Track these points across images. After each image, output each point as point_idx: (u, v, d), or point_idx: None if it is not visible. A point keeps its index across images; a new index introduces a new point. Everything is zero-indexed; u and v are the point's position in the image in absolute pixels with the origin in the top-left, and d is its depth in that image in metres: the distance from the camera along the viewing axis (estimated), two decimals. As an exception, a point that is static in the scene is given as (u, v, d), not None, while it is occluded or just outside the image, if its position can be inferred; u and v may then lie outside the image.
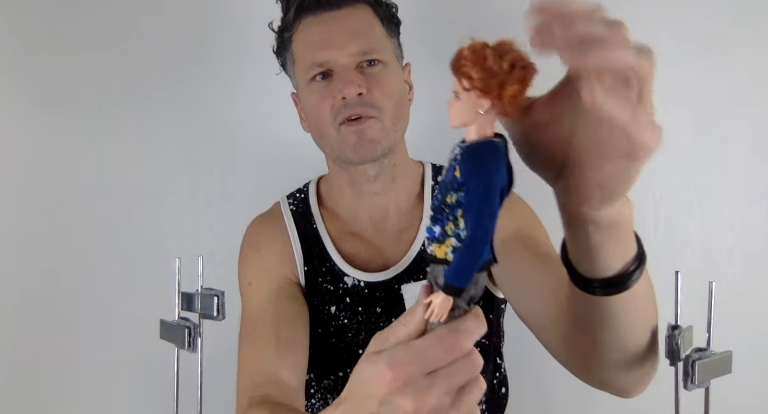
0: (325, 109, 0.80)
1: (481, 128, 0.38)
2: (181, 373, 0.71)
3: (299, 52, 0.83)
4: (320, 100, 0.80)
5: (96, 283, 1.25)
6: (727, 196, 1.23)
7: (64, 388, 1.26)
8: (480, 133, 0.38)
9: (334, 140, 0.81)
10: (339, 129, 0.80)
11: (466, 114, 0.38)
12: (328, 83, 0.80)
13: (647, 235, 1.24)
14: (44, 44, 1.22)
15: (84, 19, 1.22)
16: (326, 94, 0.80)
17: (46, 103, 1.23)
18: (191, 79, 1.24)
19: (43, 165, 1.24)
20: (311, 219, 0.92)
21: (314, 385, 0.93)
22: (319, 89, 0.81)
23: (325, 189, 0.95)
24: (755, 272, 1.23)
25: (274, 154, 1.25)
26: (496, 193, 0.37)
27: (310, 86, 0.82)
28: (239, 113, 1.26)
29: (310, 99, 0.83)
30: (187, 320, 0.70)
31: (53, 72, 1.22)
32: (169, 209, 1.25)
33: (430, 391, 0.38)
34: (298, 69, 0.84)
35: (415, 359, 0.38)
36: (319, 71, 0.80)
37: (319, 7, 0.80)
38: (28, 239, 1.24)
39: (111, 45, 1.23)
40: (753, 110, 1.21)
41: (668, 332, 0.60)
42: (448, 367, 0.39)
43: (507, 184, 0.39)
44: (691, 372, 0.59)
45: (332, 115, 0.79)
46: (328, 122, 0.80)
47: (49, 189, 1.24)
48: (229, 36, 1.24)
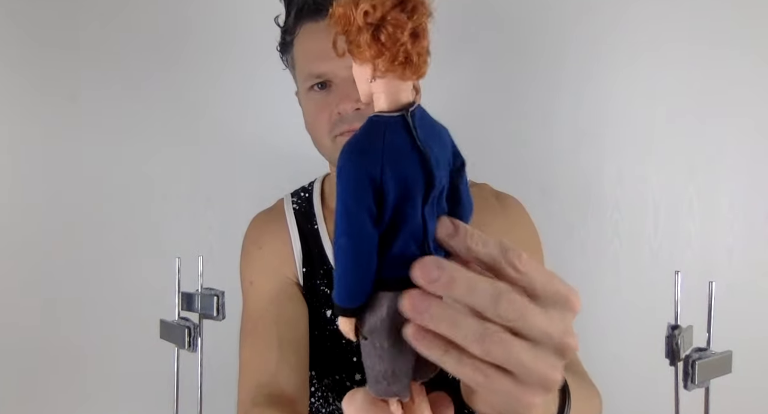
0: (323, 120, 0.79)
1: (381, 101, 0.31)
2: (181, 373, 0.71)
3: (299, 59, 0.82)
4: (318, 110, 0.79)
5: (96, 283, 1.25)
6: (727, 196, 1.23)
7: (64, 388, 1.26)
8: (380, 108, 0.32)
9: (330, 149, 0.81)
10: (335, 140, 0.79)
11: (361, 86, 0.32)
12: (327, 94, 0.78)
13: (647, 235, 1.25)
14: (44, 44, 1.22)
15: (84, 18, 1.22)
16: (324, 105, 0.78)
17: (46, 103, 1.23)
18: (191, 79, 1.24)
19: (43, 165, 1.24)
20: (313, 219, 0.92)
21: (315, 383, 0.93)
22: (317, 99, 0.79)
23: (328, 188, 0.95)
24: (755, 272, 1.23)
25: (274, 153, 1.25)
26: (363, 189, 0.30)
27: (308, 94, 0.81)
28: (239, 113, 1.26)
29: (308, 107, 0.82)
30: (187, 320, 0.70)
31: (53, 72, 1.22)
32: (169, 209, 1.25)
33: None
34: (298, 75, 0.83)
35: None
36: (317, 82, 0.78)
37: (318, 14, 0.78)
38: (28, 239, 1.24)
39: (111, 45, 1.23)
40: (753, 110, 1.21)
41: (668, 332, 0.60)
42: None
43: (421, 176, 0.30)
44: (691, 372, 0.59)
45: (329, 127, 0.78)
46: (325, 133, 0.79)
47: (49, 189, 1.24)
48: (229, 36, 1.24)
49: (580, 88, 1.24)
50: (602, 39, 1.22)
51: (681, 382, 0.60)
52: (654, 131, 1.22)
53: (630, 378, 1.22)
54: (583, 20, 1.22)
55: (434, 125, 0.33)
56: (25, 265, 1.24)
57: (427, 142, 0.31)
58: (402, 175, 0.30)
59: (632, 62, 1.21)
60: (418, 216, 0.31)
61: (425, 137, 0.31)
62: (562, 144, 1.25)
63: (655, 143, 1.23)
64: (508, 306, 0.30)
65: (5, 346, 1.24)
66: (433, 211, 0.32)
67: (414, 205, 0.31)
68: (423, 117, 0.32)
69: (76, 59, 1.22)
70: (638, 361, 1.20)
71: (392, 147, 0.30)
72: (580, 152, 1.25)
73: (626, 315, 1.25)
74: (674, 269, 0.61)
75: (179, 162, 1.26)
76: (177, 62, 1.24)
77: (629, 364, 1.23)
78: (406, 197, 0.30)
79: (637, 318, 1.23)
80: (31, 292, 1.24)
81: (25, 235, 1.24)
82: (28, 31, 1.22)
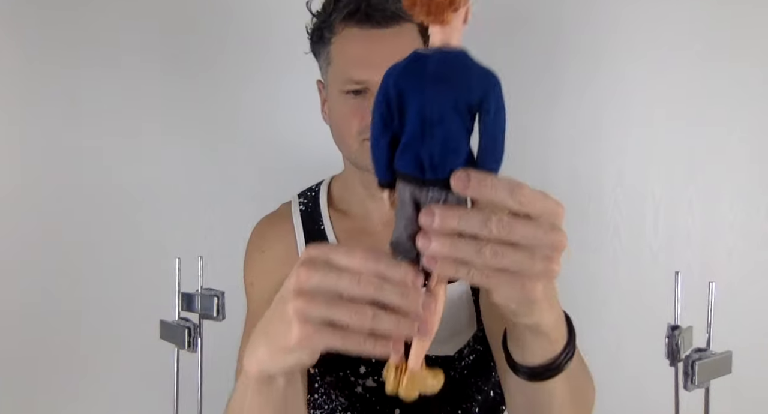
0: (353, 124, 0.80)
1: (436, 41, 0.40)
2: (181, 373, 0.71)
3: (337, 61, 0.81)
4: (350, 114, 0.80)
5: (96, 283, 1.25)
6: (727, 196, 1.23)
7: (64, 388, 1.26)
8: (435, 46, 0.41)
9: (355, 151, 0.81)
10: (362, 143, 0.80)
11: None
12: (362, 100, 0.79)
13: (647, 235, 1.25)
14: (44, 43, 1.22)
15: (84, 18, 1.22)
16: (357, 110, 0.79)
17: (45, 103, 1.23)
18: (191, 79, 1.24)
19: (42, 165, 1.24)
20: (319, 220, 0.92)
21: (318, 379, 0.93)
22: (351, 103, 0.80)
23: (338, 189, 0.95)
24: (755, 272, 1.23)
25: (274, 154, 1.25)
26: (380, 96, 0.41)
27: (342, 97, 0.81)
28: (240, 113, 1.26)
29: (339, 108, 0.82)
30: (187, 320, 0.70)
31: (53, 71, 1.22)
32: (169, 209, 1.25)
33: None
34: (332, 74, 0.83)
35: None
36: (356, 88, 0.79)
37: (366, 22, 0.78)
38: (28, 239, 1.24)
39: (111, 45, 1.22)
40: (753, 110, 1.21)
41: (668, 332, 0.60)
42: None
43: (416, 98, 0.40)
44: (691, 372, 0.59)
45: (358, 131, 0.79)
46: (353, 135, 0.80)
47: (49, 189, 1.24)
48: (229, 36, 1.23)
49: (580, 88, 1.23)
50: (602, 39, 1.22)
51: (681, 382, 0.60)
52: (654, 131, 1.22)
53: (630, 378, 1.22)
54: (583, 20, 1.22)
55: (455, 69, 0.40)
56: (24, 265, 1.24)
57: (432, 75, 0.40)
58: (404, 92, 0.40)
59: (632, 62, 1.21)
60: (416, 125, 0.40)
61: (435, 72, 0.40)
62: (561, 144, 1.25)
63: (655, 143, 1.23)
64: (497, 225, 0.39)
65: (5, 346, 1.24)
66: (430, 131, 0.40)
67: (411, 120, 0.40)
68: (445, 59, 0.40)
69: (75, 59, 1.22)
70: (638, 361, 1.20)
71: (408, 70, 0.41)
72: (580, 152, 1.25)
73: (626, 315, 1.25)
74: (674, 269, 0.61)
75: (179, 162, 1.26)
76: (176, 63, 1.24)
77: (629, 364, 1.23)
78: (404, 111, 0.41)
79: (637, 318, 1.23)
80: (31, 292, 1.24)
81: (24, 235, 1.24)
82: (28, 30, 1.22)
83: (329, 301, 0.43)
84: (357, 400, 0.87)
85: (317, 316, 0.43)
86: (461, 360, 0.87)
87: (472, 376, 0.88)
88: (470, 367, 0.88)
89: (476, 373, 0.89)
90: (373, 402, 0.87)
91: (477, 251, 0.40)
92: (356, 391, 0.87)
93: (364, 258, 0.43)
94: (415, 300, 0.42)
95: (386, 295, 0.42)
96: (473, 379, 0.89)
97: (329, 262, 0.44)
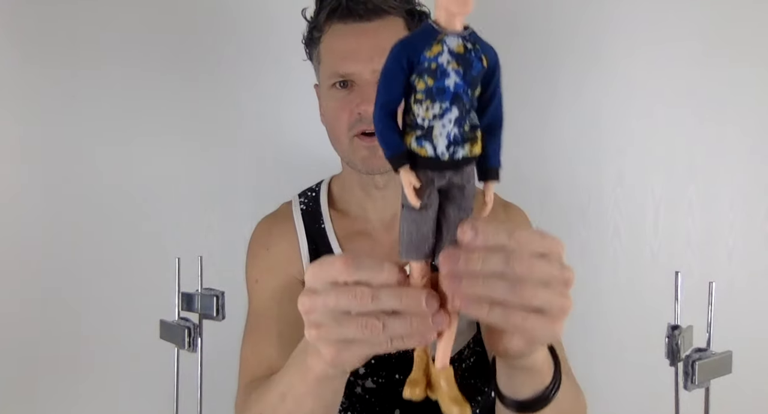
0: (342, 119, 0.80)
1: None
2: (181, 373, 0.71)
3: (325, 57, 0.83)
4: (338, 108, 0.81)
5: (96, 283, 1.25)
6: (727, 196, 1.23)
7: (64, 388, 1.26)
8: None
9: (346, 148, 0.82)
10: (352, 140, 0.81)
11: None
12: (348, 93, 0.80)
13: (647, 236, 1.25)
14: (43, 43, 1.22)
15: (84, 18, 1.22)
16: (344, 104, 0.80)
17: (45, 103, 1.23)
18: (192, 79, 1.24)
19: (42, 165, 1.24)
20: (320, 219, 0.92)
21: None
22: (338, 97, 0.81)
23: (338, 188, 0.95)
24: (755, 272, 1.23)
25: (274, 154, 1.25)
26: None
27: (330, 92, 0.82)
28: (240, 113, 1.26)
29: (328, 104, 0.83)
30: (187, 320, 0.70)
31: (52, 71, 1.22)
32: (169, 209, 1.25)
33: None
34: (322, 71, 0.84)
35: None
36: (341, 80, 0.80)
37: (349, 16, 0.79)
38: (28, 239, 1.24)
39: (111, 45, 1.22)
40: (753, 110, 1.21)
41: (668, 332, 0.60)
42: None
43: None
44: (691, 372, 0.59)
45: (347, 126, 0.80)
46: (343, 131, 0.81)
47: (49, 189, 1.24)
48: (229, 36, 1.23)
49: (580, 88, 1.24)
50: (602, 38, 1.22)
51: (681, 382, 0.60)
52: (654, 131, 1.22)
53: (630, 378, 1.22)
54: (582, 19, 1.22)
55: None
56: (25, 265, 1.24)
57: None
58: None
59: (632, 62, 1.21)
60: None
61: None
62: (561, 144, 1.25)
63: (655, 143, 1.23)
64: (519, 263, 0.39)
65: (5, 346, 1.24)
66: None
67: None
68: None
69: (75, 59, 1.22)
70: (638, 361, 1.20)
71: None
72: (580, 152, 1.25)
73: (626, 315, 1.25)
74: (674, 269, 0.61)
75: (179, 162, 1.26)
76: (177, 63, 1.24)
77: (629, 364, 1.23)
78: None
79: (637, 318, 1.23)
80: (31, 292, 1.24)
81: (24, 235, 1.24)
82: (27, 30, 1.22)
83: (339, 321, 0.43)
84: (357, 400, 0.87)
85: (334, 339, 0.44)
86: (461, 362, 0.87)
87: (472, 378, 0.89)
88: (470, 368, 0.88)
89: (476, 375, 0.89)
90: (372, 402, 0.87)
91: (511, 290, 0.39)
92: (356, 391, 0.87)
93: (344, 265, 0.42)
94: (415, 297, 0.41)
95: (383, 303, 0.41)
96: (473, 381, 0.89)
97: (326, 281, 0.43)
